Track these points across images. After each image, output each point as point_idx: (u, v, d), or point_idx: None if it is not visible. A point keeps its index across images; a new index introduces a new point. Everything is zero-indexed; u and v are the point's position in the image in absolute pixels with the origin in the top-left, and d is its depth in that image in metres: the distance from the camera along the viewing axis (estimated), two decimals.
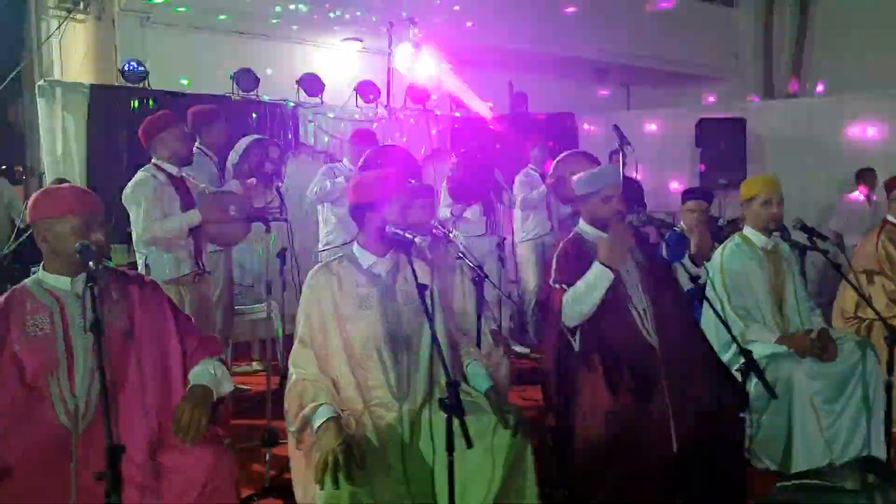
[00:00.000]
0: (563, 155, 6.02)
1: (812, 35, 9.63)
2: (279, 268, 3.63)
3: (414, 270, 2.27)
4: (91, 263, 1.94)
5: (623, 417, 2.56)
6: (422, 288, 2.18)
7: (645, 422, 2.55)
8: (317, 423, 2.21)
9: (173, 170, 3.56)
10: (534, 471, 2.39)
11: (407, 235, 2.31)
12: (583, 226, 3.04)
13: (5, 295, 2.20)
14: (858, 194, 6.89)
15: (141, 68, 5.66)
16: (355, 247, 2.53)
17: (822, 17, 9.58)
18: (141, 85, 5.68)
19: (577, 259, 2.87)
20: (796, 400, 3.07)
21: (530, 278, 6.05)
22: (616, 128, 4.96)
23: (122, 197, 3.45)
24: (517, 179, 6.17)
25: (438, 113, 7.47)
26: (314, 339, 2.39)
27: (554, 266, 2.92)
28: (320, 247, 5.01)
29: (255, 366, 5.42)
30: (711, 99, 9.86)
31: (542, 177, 6.16)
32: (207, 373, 2.26)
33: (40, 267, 2.25)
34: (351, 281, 2.45)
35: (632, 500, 2.58)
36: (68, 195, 2.21)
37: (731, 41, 10.27)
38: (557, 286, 2.84)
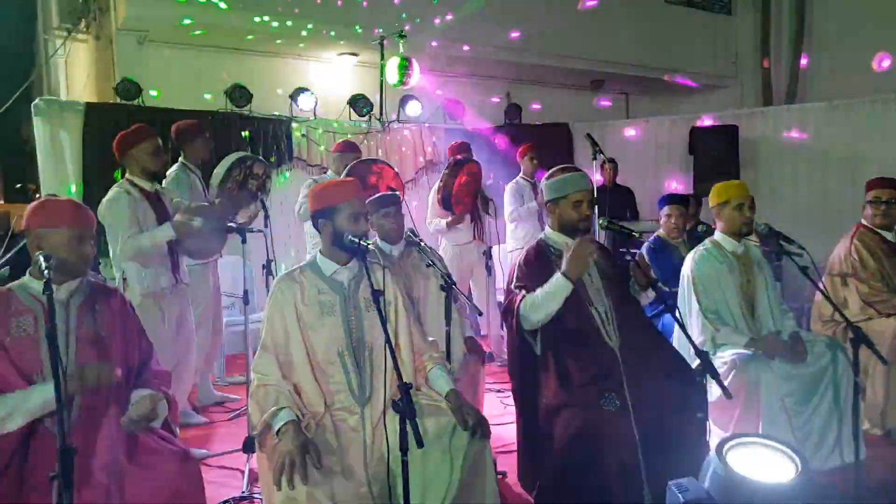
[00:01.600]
0: (553, 170, 6.09)
1: (808, 42, 9.64)
2: (265, 279, 3.71)
3: (370, 277, 2.33)
4: (47, 273, 2.03)
5: (585, 418, 2.60)
6: (376, 294, 2.23)
7: (607, 422, 2.58)
8: (277, 427, 2.27)
9: (147, 185, 3.62)
10: (493, 471, 2.45)
11: (363, 243, 2.37)
12: (549, 232, 3.10)
13: None
14: None
15: (133, 85, 5.76)
16: (318, 256, 2.60)
17: (819, 24, 9.59)
18: (136, 102, 5.78)
19: (538, 265, 2.94)
20: (764, 402, 3.09)
21: None
22: (589, 136, 5.01)
23: (98, 214, 3.52)
24: (507, 189, 6.22)
25: (430, 125, 7.55)
26: (277, 346, 2.46)
27: (516, 271, 3.00)
28: (308, 259, 5.07)
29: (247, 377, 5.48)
30: (707, 107, 9.88)
31: (534, 186, 6.22)
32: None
33: (27, 273, 2.36)
34: (313, 288, 2.52)
35: (597, 499, 2.61)
36: (65, 207, 2.37)
37: (729, 49, 10.30)
38: (516, 290, 2.89)
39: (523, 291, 2.88)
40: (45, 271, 2.04)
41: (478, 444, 2.38)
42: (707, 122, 7.96)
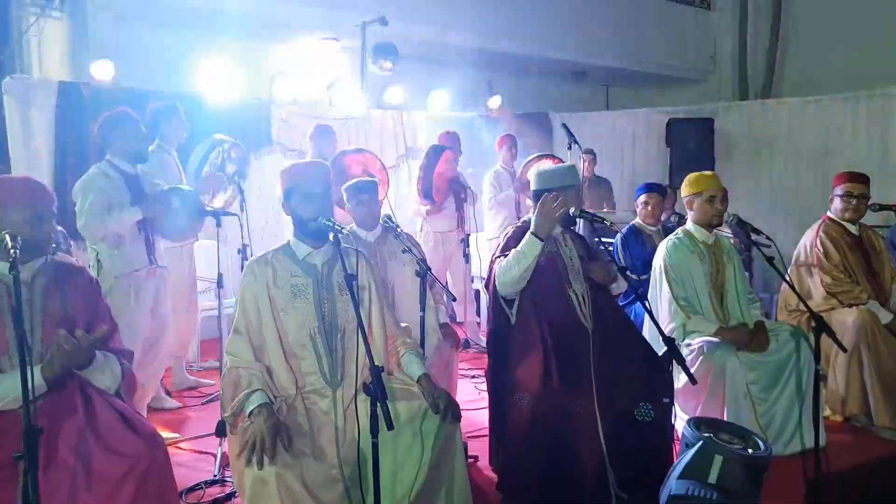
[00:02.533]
0: (530, 157, 6.14)
1: (785, 38, 9.76)
2: (240, 264, 3.71)
3: (343, 260, 2.34)
4: (13, 252, 2.01)
5: (552, 398, 2.65)
6: (349, 278, 2.25)
7: (572, 403, 2.64)
8: (249, 409, 2.29)
9: (127, 167, 3.60)
10: (464, 454, 2.49)
11: (337, 227, 2.39)
12: (532, 214, 3.15)
13: None
14: None
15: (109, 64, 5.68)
16: (291, 239, 2.61)
17: (796, 20, 9.71)
18: (111, 81, 5.70)
19: (519, 238, 3.00)
20: (729, 388, 3.19)
21: None
22: (565, 126, 5.07)
23: (72, 192, 3.50)
24: (485, 178, 6.26)
25: (411, 112, 7.53)
26: (249, 328, 2.47)
27: (499, 245, 3.08)
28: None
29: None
30: (685, 100, 9.98)
31: (512, 175, 6.26)
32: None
33: None
34: (286, 272, 2.53)
35: (563, 478, 2.66)
36: (21, 186, 2.33)
37: (707, 43, 10.40)
38: (499, 257, 2.97)
39: (501, 258, 2.95)
40: (12, 250, 2.02)
41: (448, 427, 2.42)
42: (683, 115, 8.04)
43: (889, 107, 7.07)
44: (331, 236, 2.50)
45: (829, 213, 4.13)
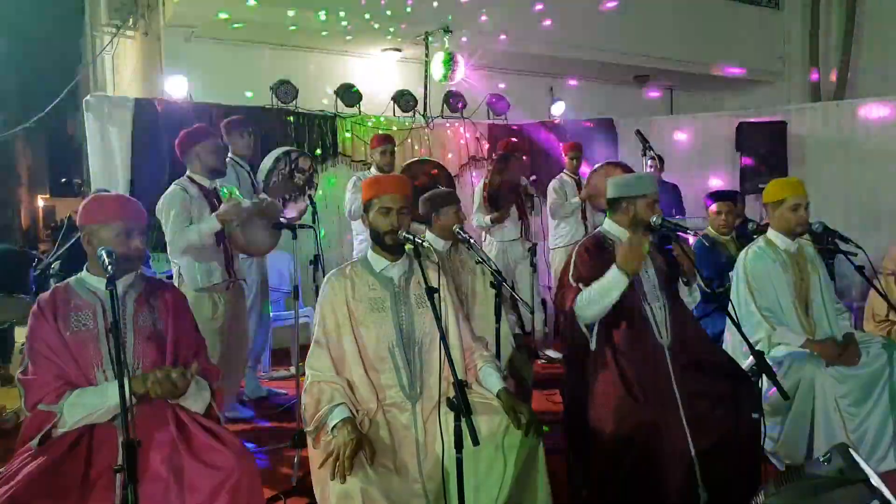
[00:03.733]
0: (597, 165, 6.05)
1: (859, 38, 9.39)
2: (312, 275, 3.74)
3: (424, 274, 2.33)
4: (110, 268, 2.07)
5: (637, 416, 2.58)
6: (430, 291, 2.24)
7: (659, 420, 2.56)
8: (332, 424, 2.30)
9: (206, 182, 3.68)
10: (545, 469, 2.44)
11: (417, 240, 2.38)
12: (608, 225, 3.07)
13: (49, 291, 2.38)
14: None
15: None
16: (369, 251, 2.62)
17: (870, 19, 9.33)
18: (185, 97, 5.88)
19: (597, 257, 2.92)
20: (819, 402, 3.06)
21: None
22: (638, 132, 4.95)
23: (156, 209, 3.59)
24: (550, 186, 6.19)
25: (474, 121, 7.52)
26: (329, 342, 2.49)
27: (572, 264, 2.97)
28: (354, 256, 5.11)
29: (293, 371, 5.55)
30: (753, 102, 9.69)
31: (578, 182, 6.18)
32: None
33: (84, 268, 2.42)
34: (364, 285, 2.54)
35: (650, 499, 2.58)
36: (114, 203, 2.41)
37: (776, 44, 10.08)
38: (574, 284, 2.88)
39: (580, 284, 2.86)
40: (109, 266, 2.08)
41: (531, 442, 2.38)
42: (754, 118, 7.80)
43: None
44: (407, 247, 2.50)
45: None
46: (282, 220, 4.02)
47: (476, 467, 2.32)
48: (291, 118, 6.40)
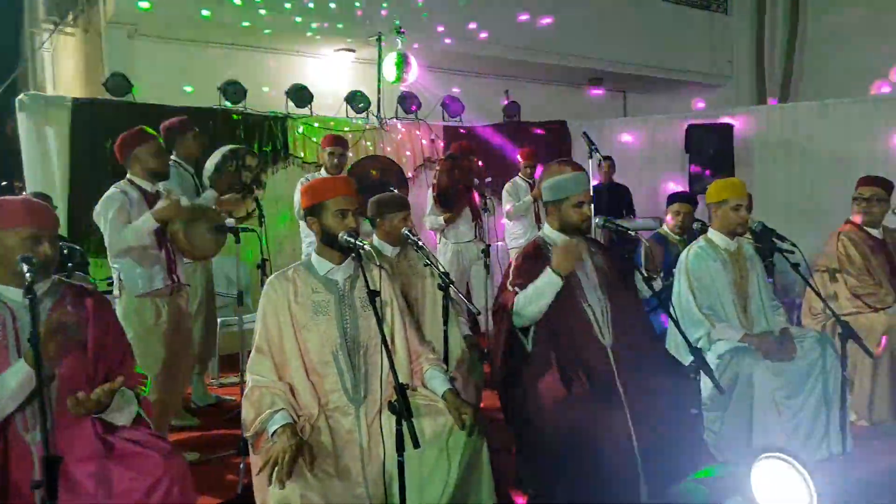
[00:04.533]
0: (549, 165, 6.08)
1: (803, 42, 9.66)
2: (260, 279, 3.67)
3: (366, 277, 2.31)
4: (28, 276, 1.98)
5: (581, 414, 2.59)
6: (372, 294, 2.21)
7: (603, 418, 2.57)
8: (272, 429, 2.26)
9: (147, 185, 3.58)
10: (490, 469, 2.44)
11: (358, 243, 2.35)
12: (547, 230, 3.09)
13: None
14: None
15: (123, 80, 5.67)
16: (313, 255, 2.59)
17: (812, 26, 9.62)
18: (125, 98, 5.71)
19: (535, 262, 2.94)
20: (757, 395, 3.14)
21: None
22: (585, 134, 5.01)
23: (94, 213, 3.48)
24: (505, 188, 6.22)
25: (429, 123, 7.51)
26: (271, 346, 2.45)
27: (511, 269, 3.00)
28: (303, 258, 5.04)
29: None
30: (702, 105, 9.90)
31: (531, 185, 6.21)
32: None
33: None
34: (307, 288, 2.50)
35: (595, 496, 2.60)
36: (19, 207, 2.23)
37: (725, 48, 10.31)
38: (511, 288, 2.89)
39: (517, 289, 2.87)
40: (28, 275, 1.99)
41: (475, 443, 2.38)
42: (702, 120, 7.96)
43: None
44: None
45: (851, 218, 4.08)
46: (228, 221, 3.94)
47: (420, 469, 2.31)
48: (240, 119, 6.29)
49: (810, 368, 3.29)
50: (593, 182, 5.36)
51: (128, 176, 3.59)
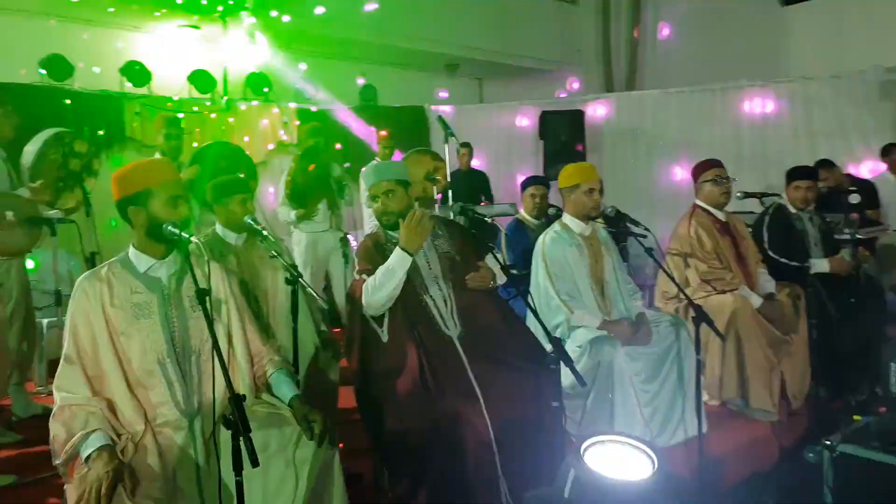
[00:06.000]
0: (408, 153, 5.96)
1: (644, 34, 10.14)
2: None
3: (193, 273, 2.05)
4: None
5: (437, 410, 2.49)
6: (201, 293, 1.96)
7: (460, 412, 2.47)
8: (86, 453, 1.95)
9: None
10: (342, 480, 2.26)
11: (184, 235, 2.08)
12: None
13: None
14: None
15: None
16: (131, 250, 2.26)
17: (653, 17, 10.10)
18: None
19: (376, 250, 2.86)
20: (616, 381, 3.16)
21: None
22: (440, 119, 4.94)
23: None
24: (362, 173, 6.00)
25: (281, 105, 7.15)
26: (83, 358, 2.12)
27: (357, 259, 2.91)
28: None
29: None
30: (556, 93, 10.15)
31: None
32: None
33: None
34: (125, 288, 2.19)
35: (453, 490, 2.50)
36: None
37: (574, 38, 10.61)
38: (359, 276, 2.80)
39: (364, 276, 2.77)
40: None
41: (325, 454, 2.18)
42: (555, 107, 8.15)
43: (740, 99, 7.48)
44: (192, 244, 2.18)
45: (696, 202, 4.18)
46: (50, 212, 3.50)
47: (265, 485, 2.09)
48: (68, 98, 5.66)
49: (666, 353, 3.34)
50: (451, 168, 5.30)
51: None
